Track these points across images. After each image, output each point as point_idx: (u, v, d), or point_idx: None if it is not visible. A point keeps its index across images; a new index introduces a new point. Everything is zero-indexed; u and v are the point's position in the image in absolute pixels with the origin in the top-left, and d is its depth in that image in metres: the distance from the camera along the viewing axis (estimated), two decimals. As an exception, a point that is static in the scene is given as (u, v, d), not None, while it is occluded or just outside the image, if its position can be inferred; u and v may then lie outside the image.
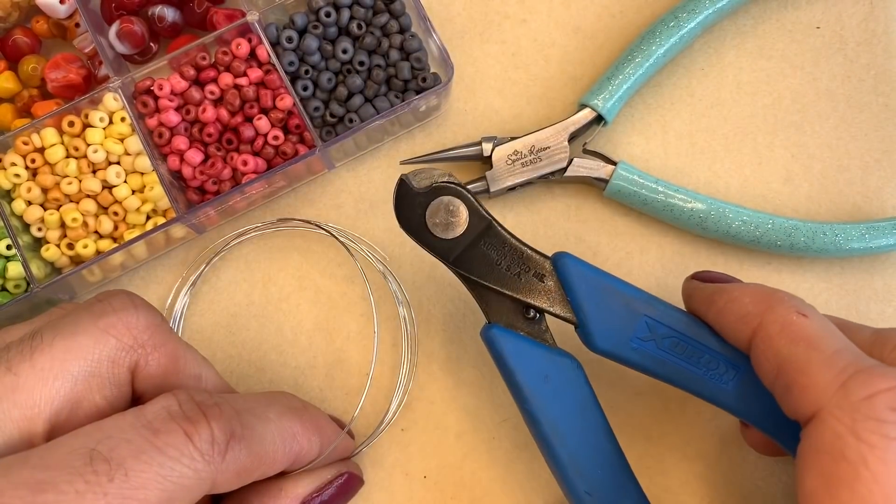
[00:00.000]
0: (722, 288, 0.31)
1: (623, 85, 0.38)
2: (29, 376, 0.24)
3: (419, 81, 0.38)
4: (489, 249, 0.32)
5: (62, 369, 0.24)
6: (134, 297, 0.28)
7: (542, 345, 0.32)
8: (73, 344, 0.25)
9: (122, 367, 0.26)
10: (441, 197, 0.32)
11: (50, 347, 0.25)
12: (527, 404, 0.32)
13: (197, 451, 0.24)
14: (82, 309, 0.26)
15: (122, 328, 0.26)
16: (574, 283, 0.32)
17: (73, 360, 0.25)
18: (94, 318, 0.26)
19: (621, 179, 0.38)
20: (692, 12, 0.39)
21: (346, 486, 0.32)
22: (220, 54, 0.38)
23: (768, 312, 0.29)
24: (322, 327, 0.39)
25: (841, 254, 0.37)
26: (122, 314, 0.26)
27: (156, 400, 0.25)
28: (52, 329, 0.25)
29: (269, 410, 0.28)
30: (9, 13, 0.39)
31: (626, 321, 0.32)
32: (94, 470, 0.22)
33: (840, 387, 0.25)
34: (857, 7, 0.41)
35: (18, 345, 0.25)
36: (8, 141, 0.37)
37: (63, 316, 0.26)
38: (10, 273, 0.36)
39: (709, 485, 0.37)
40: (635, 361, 0.32)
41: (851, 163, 0.40)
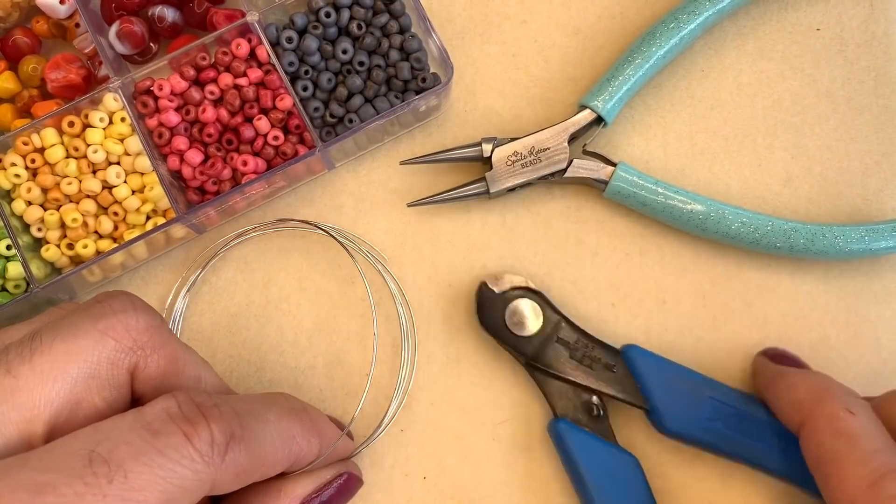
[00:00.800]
0: (783, 373, 0.34)
1: (623, 86, 0.38)
2: (28, 378, 0.24)
3: (419, 82, 0.38)
4: (562, 345, 0.36)
5: (61, 371, 0.24)
6: (133, 299, 0.28)
7: (606, 441, 0.36)
8: (72, 346, 0.25)
9: (121, 369, 0.26)
10: (518, 299, 0.36)
11: (49, 349, 0.24)
12: (589, 495, 0.35)
13: (196, 452, 0.24)
14: (82, 310, 0.26)
15: (121, 330, 0.26)
16: (643, 372, 0.36)
17: (73, 362, 0.25)
18: (94, 319, 0.26)
19: (621, 181, 0.38)
20: (692, 14, 0.39)
21: (345, 486, 0.32)
22: (220, 54, 0.38)
23: (819, 404, 0.31)
24: (322, 328, 0.39)
25: (840, 256, 0.37)
26: (122, 316, 0.26)
27: (155, 401, 0.25)
28: (52, 331, 0.25)
29: (268, 412, 0.28)
30: (9, 13, 0.39)
31: (693, 404, 0.35)
32: (94, 472, 0.22)
33: (871, 485, 0.27)
34: (857, 9, 0.41)
35: (18, 346, 0.25)
36: (8, 141, 0.37)
37: (62, 317, 0.26)
38: (10, 273, 0.36)
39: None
40: (705, 441, 0.35)
41: (851, 165, 0.40)
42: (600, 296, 0.39)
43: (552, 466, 0.37)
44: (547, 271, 0.39)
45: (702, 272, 0.39)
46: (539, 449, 0.37)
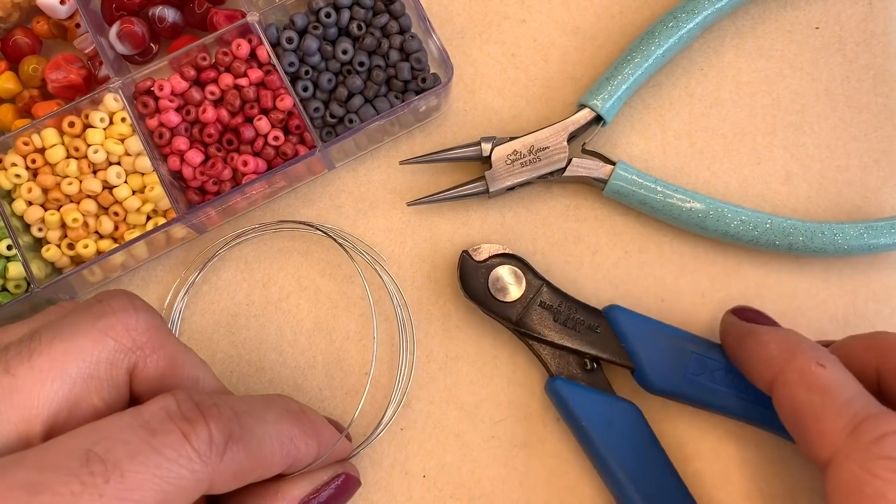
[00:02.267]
0: (752, 330, 0.34)
1: (622, 85, 0.38)
2: (27, 378, 0.24)
3: (419, 82, 0.38)
4: (545, 308, 0.36)
5: (60, 371, 0.24)
6: (133, 298, 0.28)
7: (602, 392, 0.36)
8: (71, 346, 0.25)
9: (120, 370, 0.26)
10: (500, 266, 0.37)
11: (49, 349, 0.24)
12: (594, 448, 0.35)
13: (194, 451, 0.24)
14: (81, 310, 0.26)
15: (121, 330, 0.26)
16: (626, 331, 0.36)
17: (72, 361, 0.25)
18: (93, 319, 0.26)
19: (620, 179, 0.38)
20: (691, 13, 0.39)
21: (343, 487, 0.32)
22: (221, 55, 0.38)
23: (790, 360, 0.31)
24: (322, 327, 0.39)
25: (839, 253, 0.37)
26: (122, 315, 0.26)
27: (154, 400, 0.25)
28: (51, 330, 0.25)
29: (267, 413, 0.28)
30: (9, 14, 0.39)
31: (678, 360, 0.35)
32: (90, 471, 0.22)
33: (851, 432, 0.27)
34: (856, 7, 0.41)
35: (17, 346, 0.25)
36: (8, 141, 0.37)
37: (62, 316, 0.26)
38: (11, 273, 0.36)
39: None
40: (691, 396, 0.35)
41: (850, 163, 0.40)
42: (599, 294, 0.39)
43: (552, 464, 0.37)
44: (546, 269, 0.39)
45: (701, 270, 0.39)
46: (539, 446, 0.37)
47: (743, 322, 0.35)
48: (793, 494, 0.37)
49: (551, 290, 0.37)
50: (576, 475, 0.37)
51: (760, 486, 0.37)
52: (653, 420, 0.36)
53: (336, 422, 0.35)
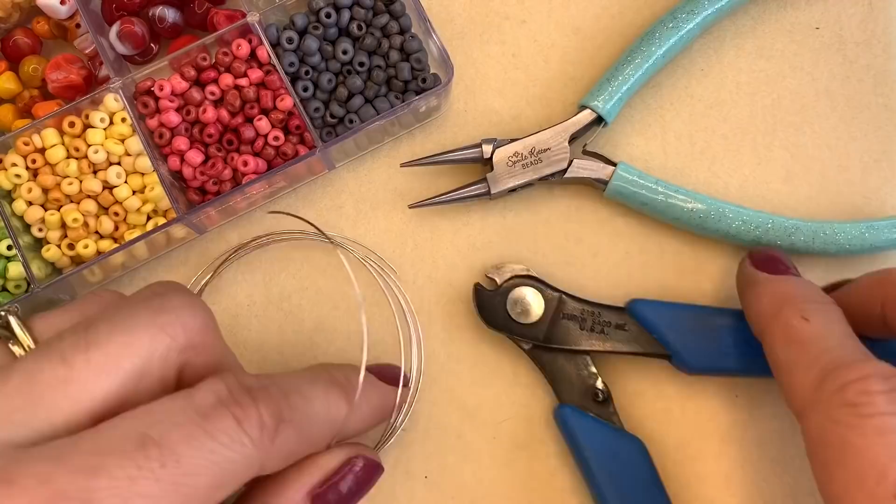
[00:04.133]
0: (753, 281, 0.34)
1: (623, 86, 0.38)
2: (83, 370, 0.23)
3: (419, 82, 0.38)
4: (570, 319, 0.36)
5: (116, 366, 0.24)
6: (191, 296, 0.27)
7: (610, 425, 0.36)
8: (129, 340, 0.24)
9: (171, 368, 0.25)
10: (515, 289, 0.37)
11: (107, 342, 0.24)
12: (595, 480, 0.35)
13: (247, 436, 0.24)
14: (139, 302, 0.26)
15: (178, 328, 0.25)
16: (653, 321, 0.36)
17: (128, 357, 0.24)
18: (153, 314, 0.25)
19: (621, 180, 0.38)
20: (691, 13, 0.39)
21: (364, 476, 0.30)
22: (221, 55, 0.38)
23: (776, 315, 0.31)
24: (323, 328, 0.39)
25: (841, 253, 0.37)
26: (180, 313, 0.26)
27: (204, 384, 0.25)
28: (109, 322, 0.24)
29: (314, 389, 0.27)
30: (9, 14, 0.39)
31: (709, 338, 0.36)
32: (146, 455, 0.22)
33: (817, 384, 0.28)
34: (856, 8, 0.41)
35: (73, 335, 0.24)
36: (9, 141, 0.37)
37: (118, 307, 0.25)
38: (11, 273, 0.36)
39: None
40: (729, 368, 0.36)
41: (851, 163, 0.40)
42: (601, 295, 0.39)
43: (553, 465, 0.37)
44: (547, 271, 0.39)
45: (702, 271, 0.39)
46: (540, 448, 0.37)
47: (751, 270, 0.34)
48: (794, 495, 0.37)
49: (571, 299, 0.37)
50: (577, 477, 0.37)
51: (761, 486, 0.37)
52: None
53: (391, 367, 0.35)
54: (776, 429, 0.37)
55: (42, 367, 0.23)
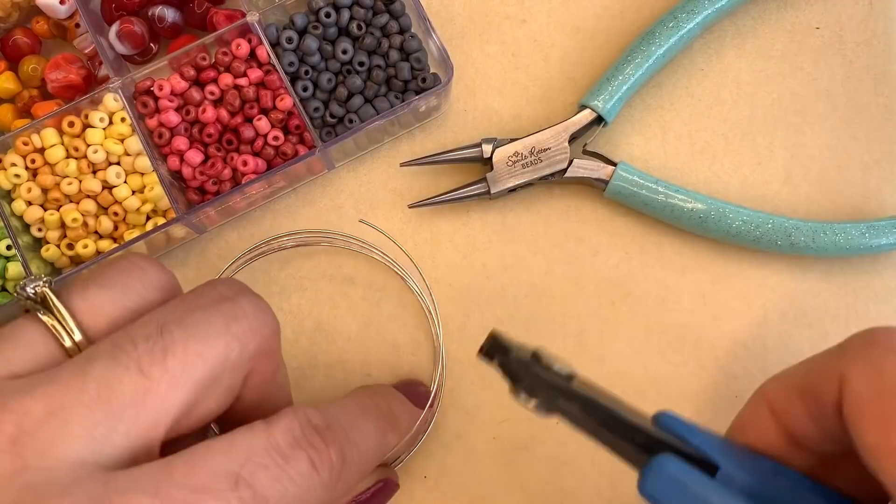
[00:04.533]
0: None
1: (623, 86, 0.38)
2: (161, 381, 0.22)
3: (419, 82, 0.38)
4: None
5: (192, 377, 0.23)
6: (261, 301, 0.26)
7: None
8: (205, 349, 0.23)
9: (240, 375, 0.25)
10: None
11: (183, 351, 0.23)
12: None
13: (321, 480, 0.24)
14: (211, 306, 0.24)
15: (251, 336, 0.25)
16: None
17: (203, 366, 0.23)
18: (226, 320, 0.24)
19: (621, 180, 0.38)
20: (691, 13, 0.39)
21: (382, 492, 0.32)
22: (220, 55, 0.38)
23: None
24: (323, 328, 0.39)
25: (841, 253, 0.37)
26: (253, 320, 0.25)
27: (279, 421, 0.24)
28: (183, 328, 0.23)
29: (368, 424, 0.28)
30: (9, 13, 0.39)
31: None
32: (240, 496, 0.22)
33: None
34: (856, 7, 0.41)
35: (146, 342, 0.23)
36: (8, 141, 0.37)
37: (189, 310, 0.24)
38: (10, 273, 0.36)
39: None
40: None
41: (851, 163, 0.40)
42: (601, 294, 0.39)
43: (553, 465, 0.37)
44: (547, 270, 0.39)
45: (702, 270, 0.39)
46: (540, 448, 0.37)
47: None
48: None
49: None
50: (576, 478, 0.37)
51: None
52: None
53: (415, 384, 0.36)
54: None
55: (121, 378, 0.22)
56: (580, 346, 0.38)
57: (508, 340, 0.26)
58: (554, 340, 0.38)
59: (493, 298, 0.39)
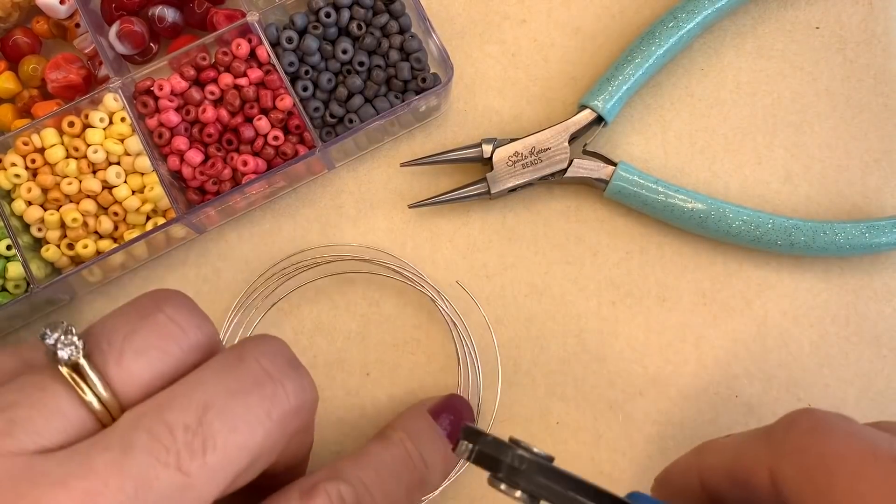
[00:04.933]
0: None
1: (623, 86, 0.38)
2: (200, 477, 0.21)
3: (419, 82, 0.38)
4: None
5: (232, 468, 0.22)
6: (304, 378, 0.25)
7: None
8: (246, 441, 0.22)
9: (277, 453, 0.24)
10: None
11: (224, 446, 0.22)
12: None
13: None
14: (254, 390, 0.23)
15: (292, 419, 0.24)
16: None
17: (244, 457, 0.23)
18: (267, 407, 0.23)
19: (621, 180, 0.38)
20: (691, 13, 0.39)
21: None
22: (221, 55, 0.38)
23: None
24: (322, 327, 0.39)
25: (841, 253, 0.37)
26: (295, 402, 0.24)
27: (315, 499, 0.25)
28: (223, 419, 0.22)
29: (399, 486, 0.28)
30: (9, 13, 0.39)
31: None
32: None
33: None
34: (856, 7, 0.41)
35: (185, 433, 0.21)
36: (8, 141, 0.37)
37: (230, 393, 0.23)
38: (10, 273, 0.36)
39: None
40: None
41: (851, 162, 0.40)
42: (601, 294, 0.39)
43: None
44: (547, 270, 0.39)
45: (702, 270, 0.39)
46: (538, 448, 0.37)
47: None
48: None
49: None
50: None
51: None
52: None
53: (458, 399, 0.35)
54: None
55: (158, 475, 0.21)
56: (580, 345, 0.38)
57: (479, 431, 0.26)
58: (554, 340, 0.38)
59: (494, 299, 0.39)
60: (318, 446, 0.37)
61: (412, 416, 0.33)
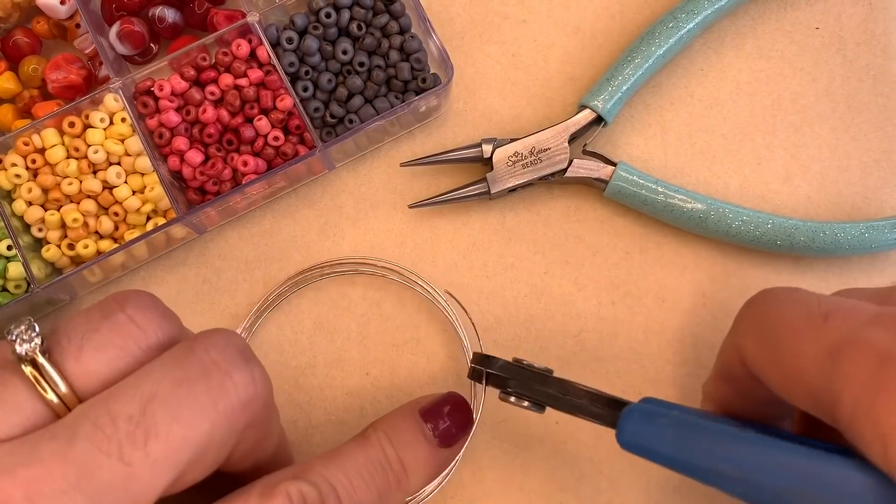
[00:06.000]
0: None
1: (623, 86, 0.38)
2: (142, 467, 0.22)
3: (419, 82, 0.38)
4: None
5: (175, 460, 0.22)
6: (253, 367, 0.25)
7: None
8: (190, 432, 0.22)
9: (227, 449, 0.25)
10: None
11: (166, 435, 0.22)
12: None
13: None
14: (200, 379, 0.23)
15: (240, 412, 0.24)
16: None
17: (187, 450, 0.23)
18: (214, 397, 0.23)
19: (621, 180, 0.38)
20: (691, 13, 0.39)
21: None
22: (221, 55, 0.38)
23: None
24: (322, 327, 0.39)
25: (840, 253, 0.37)
26: (243, 394, 0.24)
27: (273, 500, 0.24)
28: (167, 408, 0.22)
29: (369, 487, 0.28)
30: (9, 14, 0.39)
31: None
32: None
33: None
34: (856, 8, 0.41)
35: (128, 423, 0.22)
36: (9, 141, 0.37)
37: (175, 383, 0.23)
38: (11, 273, 0.36)
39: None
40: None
41: (851, 163, 0.40)
42: (600, 294, 0.39)
43: (552, 465, 0.37)
44: (547, 270, 0.39)
45: (702, 270, 0.39)
46: (538, 448, 0.37)
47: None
48: None
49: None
50: (575, 477, 0.37)
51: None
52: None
53: (453, 397, 0.33)
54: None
55: (101, 465, 0.21)
56: (580, 345, 0.38)
57: (489, 355, 0.31)
58: (554, 340, 0.38)
59: (493, 298, 0.39)
60: (317, 447, 0.38)
61: (397, 416, 0.31)
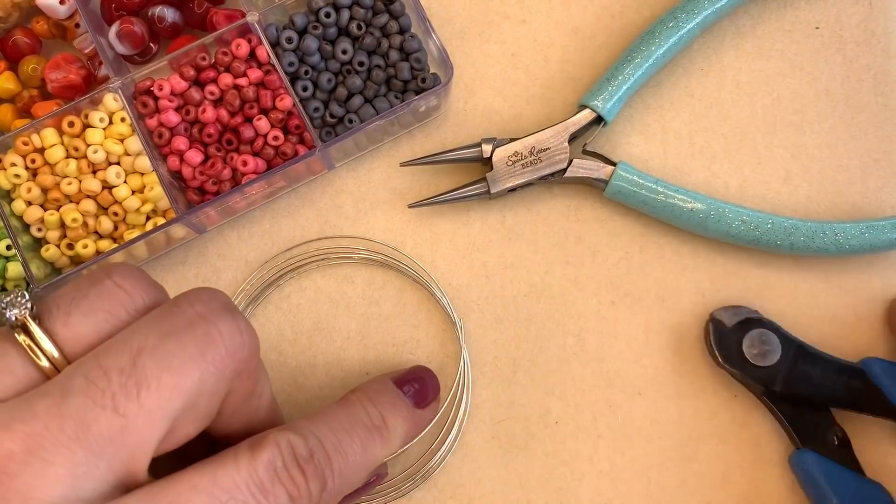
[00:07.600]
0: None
1: (623, 85, 0.38)
2: (136, 417, 0.22)
3: (419, 82, 0.38)
4: (808, 367, 0.36)
5: (167, 409, 0.23)
6: (238, 319, 0.25)
7: (853, 471, 0.35)
8: (180, 381, 0.23)
9: (218, 399, 0.25)
10: (752, 330, 0.36)
11: (157, 384, 0.23)
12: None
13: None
14: (185, 331, 0.24)
15: (227, 360, 0.24)
16: (889, 385, 0.35)
17: (179, 398, 0.23)
18: (201, 346, 0.24)
19: (621, 180, 0.38)
20: (691, 13, 0.39)
21: (370, 485, 0.33)
22: (220, 55, 0.38)
23: None
24: (322, 327, 0.39)
25: (840, 253, 0.37)
26: (229, 343, 0.24)
27: (262, 453, 0.25)
28: (156, 359, 0.23)
29: (353, 443, 0.28)
30: (9, 13, 0.39)
31: None
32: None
33: None
34: (856, 7, 0.41)
35: (120, 375, 0.22)
36: (8, 141, 0.37)
37: (162, 335, 0.24)
38: (10, 273, 0.36)
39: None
40: None
41: (850, 162, 0.40)
42: (600, 294, 0.39)
43: (552, 465, 0.37)
44: (547, 269, 0.39)
45: (702, 270, 0.39)
46: (538, 447, 0.37)
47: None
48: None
49: (810, 349, 0.36)
50: (575, 476, 0.37)
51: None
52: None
53: (420, 372, 0.35)
54: None
55: (97, 417, 0.22)
56: (580, 345, 0.38)
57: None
58: (553, 340, 0.38)
59: (493, 298, 0.39)
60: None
61: (374, 382, 0.33)
